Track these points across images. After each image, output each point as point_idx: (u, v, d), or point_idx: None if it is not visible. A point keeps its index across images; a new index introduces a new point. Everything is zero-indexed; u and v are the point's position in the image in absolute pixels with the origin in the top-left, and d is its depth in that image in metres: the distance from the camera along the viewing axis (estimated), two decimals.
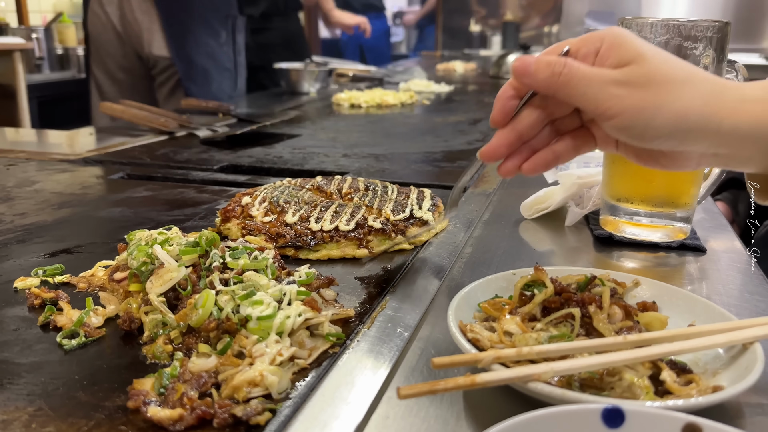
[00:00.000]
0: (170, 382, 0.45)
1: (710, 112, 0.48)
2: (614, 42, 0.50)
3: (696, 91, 0.48)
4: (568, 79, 0.50)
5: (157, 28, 2.07)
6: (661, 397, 0.43)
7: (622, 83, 0.48)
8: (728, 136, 0.49)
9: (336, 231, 0.73)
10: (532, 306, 0.50)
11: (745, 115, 0.48)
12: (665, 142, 0.50)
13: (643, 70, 0.48)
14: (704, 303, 0.53)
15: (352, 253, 0.72)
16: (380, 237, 0.74)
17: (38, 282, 0.64)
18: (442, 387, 0.39)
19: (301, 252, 0.72)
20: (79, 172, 1.15)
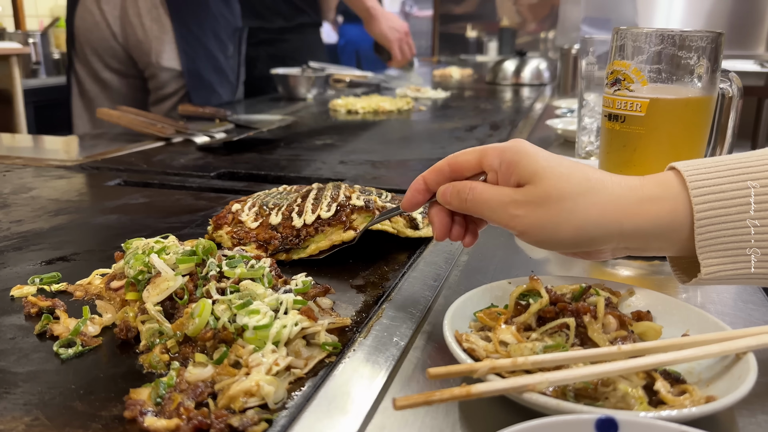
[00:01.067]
0: (167, 392, 0.45)
1: (609, 220, 0.51)
2: (510, 162, 0.53)
3: (592, 202, 0.51)
4: (473, 204, 0.55)
5: (170, 39, 2.01)
6: (655, 408, 0.43)
7: (521, 203, 0.52)
8: (632, 236, 0.51)
9: (318, 220, 0.73)
10: (527, 316, 0.50)
11: (643, 216, 0.51)
12: (574, 249, 0.54)
13: (539, 190, 0.51)
14: (698, 312, 0.53)
15: (340, 237, 0.72)
16: (363, 214, 0.73)
17: (35, 290, 0.64)
18: (438, 398, 0.39)
19: (293, 253, 0.72)
20: (76, 179, 1.15)
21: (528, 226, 0.52)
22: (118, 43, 2.06)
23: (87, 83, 2.11)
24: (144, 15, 2.00)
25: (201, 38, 2.07)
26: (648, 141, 0.75)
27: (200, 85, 2.10)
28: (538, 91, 2.68)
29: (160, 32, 2.00)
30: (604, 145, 0.80)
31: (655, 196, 0.51)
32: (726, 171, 0.50)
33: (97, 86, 2.11)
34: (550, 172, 0.51)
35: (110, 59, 2.09)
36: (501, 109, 2.22)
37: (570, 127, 1.49)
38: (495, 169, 0.54)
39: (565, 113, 1.84)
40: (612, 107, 0.77)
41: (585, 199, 0.51)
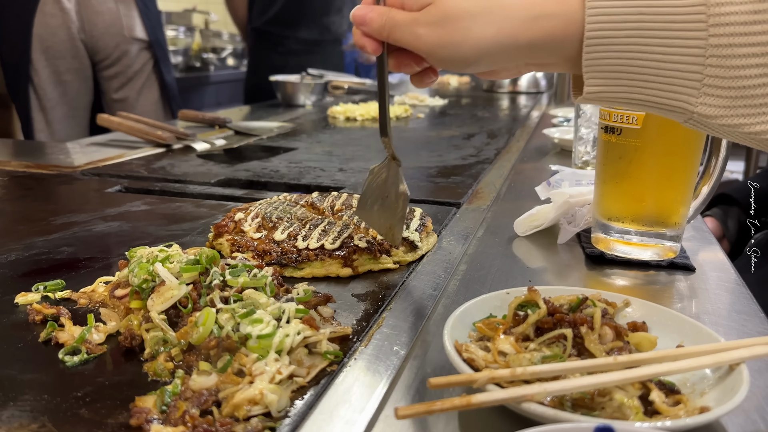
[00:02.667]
0: (172, 400, 0.46)
1: (504, 35, 0.54)
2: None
3: (489, 20, 0.54)
4: (390, 26, 0.59)
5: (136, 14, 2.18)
6: (650, 417, 0.44)
7: (423, 23, 0.56)
8: (527, 50, 0.55)
9: (321, 249, 0.74)
10: (525, 326, 0.51)
11: (536, 32, 0.53)
12: (477, 67, 0.57)
13: (439, 9, 0.55)
14: (692, 324, 0.55)
15: (336, 271, 0.73)
16: (365, 256, 0.74)
17: (39, 297, 0.65)
18: (439, 407, 0.40)
19: (285, 269, 0.73)
20: (77, 185, 1.16)
21: (431, 45, 0.56)
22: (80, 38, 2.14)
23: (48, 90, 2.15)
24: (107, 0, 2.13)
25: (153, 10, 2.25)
26: (644, 153, 0.76)
27: (163, 54, 2.28)
28: (534, 99, 2.70)
29: (127, 9, 2.16)
30: (600, 156, 0.81)
31: (550, 13, 0.53)
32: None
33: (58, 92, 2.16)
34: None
35: (72, 60, 2.15)
36: (498, 117, 2.24)
37: (566, 136, 1.50)
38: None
39: (561, 122, 1.86)
40: (608, 120, 0.78)
41: (482, 18, 0.54)
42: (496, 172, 1.30)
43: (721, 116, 0.49)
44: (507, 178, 1.26)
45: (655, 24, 0.49)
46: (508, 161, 1.42)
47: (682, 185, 0.78)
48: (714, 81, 0.48)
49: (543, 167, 1.38)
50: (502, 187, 1.18)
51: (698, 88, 0.49)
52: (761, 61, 0.47)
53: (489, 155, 1.46)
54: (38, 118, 2.16)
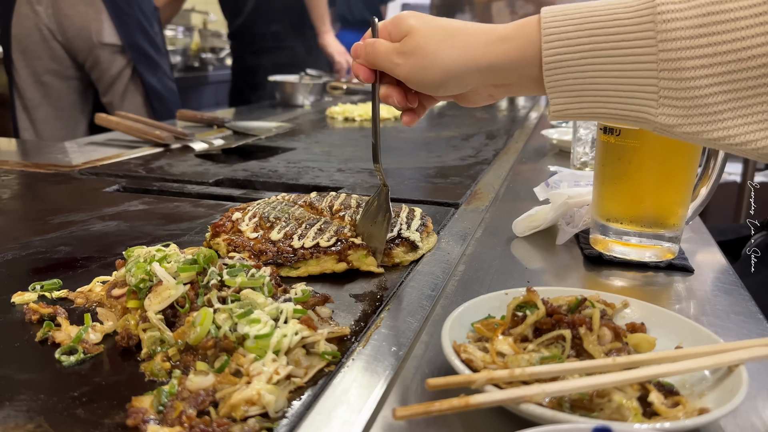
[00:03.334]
0: (169, 400, 0.46)
1: (465, 58, 0.60)
2: (395, 21, 0.65)
3: (451, 46, 0.61)
4: (371, 54, 0.66)
5: (105, 18, 2.10)
6: (649, 419, 0.44)
7: (399, 53, 0.63)
8: (488, 71, 0.60)
9: (316, 247, 0.74)
10: (524, 327, 0.51)
11: (495, 54, 0.59)
12: (446, 89, 0.63)
13: (413, 41, 0.62)
14: (691, 325, 0.54)
15: (331, 267, 0.73)
16: (360, 252, 0.74)
17: (36, 297, 0.65)
18: (437, 408, 0.40)
19: (281, 269, 0.73)
20: (75, 185, 1.16)
21: (407, 72, 0.63)
22: (57, 41, 2.11)
23: (29, 91, 2.15)
24: (77, 3, 2.07)
25: (130, 13, 2.16)
26: (643, 154, 0.76)
27: (143, 56, 2.19)
28: (533, 100, 2.70)
29: (96, 13, 2.09)
30: (599, 157, 0.81)
31: (507, 36, 0.59)
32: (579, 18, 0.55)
33: (39, 93, 2.15)
34: (423, 26, 0.62)
35: (50, 62, 2.13)
36: (497, 118, 2.24)
37: (565, 137, 1.50)
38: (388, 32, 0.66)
39: (560, 123, 1.86)
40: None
41: (446, 44, 0.61)
42: (495, 173, 1.30)
43: (681, 125, 0.51)
44: (505, 179, 1.26)
45: (608, 44, 0.53)
46: (506, 162, 1.42)
47: (681, 186, 0.78)
48: (669, 93, 0.51)
49: (541, 168, 1.38)
50: (501, 188, 1.18)
51: (656, 99, 0.52)
52: (710, 71, 0.49)
53: (488, 156, 1.46)
54: (22, 118, 2.17)
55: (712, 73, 0.49)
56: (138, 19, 2.17)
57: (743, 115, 0.49)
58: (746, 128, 0.49)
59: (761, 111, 0.49)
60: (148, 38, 2.22)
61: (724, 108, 0.50)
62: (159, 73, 2.26)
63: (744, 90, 0.48)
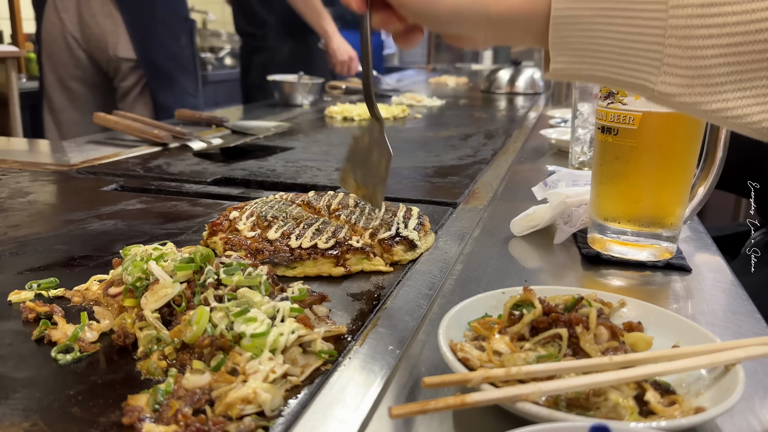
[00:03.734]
0: (165, 399, 0.46)
1: (478, 3, 0.58)
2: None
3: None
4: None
5: (122, 31, 2.08)
6: (645, 418, 0.44)
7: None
8: (496, 21, 0.58)
9: (314, 248, 0.73)
10: (520, 326, 0.51)
11: (506, 5, 0.57)
12: (449, 27, 0.61)
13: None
14: (688, 324, 0.54)
15: (329, 271, 0.72)
16: (359, 256, 0.74)
17: (32, 295, 0.64)
18: (433, 407, 0.40)
19: (277, 268, 0.72)
20: (73, 183, 1.15)
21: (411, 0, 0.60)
22: (81, 49, 2.12)
23: (55, 95, 2.16)
24: (97, 14, 2.07)
25: (150, 28, 2.14)
26: (640, 153, 0.76)
27: (157, 73, 2.16)
28: (532, 100, 2.70)
29: (114, 26, 2.08)
30: (596, 156, 0.81)
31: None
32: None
33: (65, 97, 2.16)
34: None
35: (75, 69, 2.14)
36: (496, 117, 2.24)
37: (563, 137, 1.50)
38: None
39: (558, 123, 1.86)
40: (605, 120, 0.78)
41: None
42: (493, 173, 1.30)
43: (680, 94, 0.51)
44: (504, 179, 1.25)
45: (618, 5, 0.52)
46: (505, 162, 1.42)
47: (679, 186, 0.78)
48: (673, 61, 0.51)
49: (540, 168, 1.38)
50: (499, 188, 1.18)
51: (658, 67, 0.52)
52: (717, 42, 0.49)
53: (486, 156, 1.46)
54: (48, 119, 2.18)
55: (719, 44, 0.49)
56: (158, 35, 2.13)
57: (744, 88, 0.50)
58: (744, 101, 0.50)
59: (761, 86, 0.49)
60: (169, 54, 2.18)
61: (726, 80, 0.50)
62: (177, 90, 2.20)
63: (748, 63, 0.49)
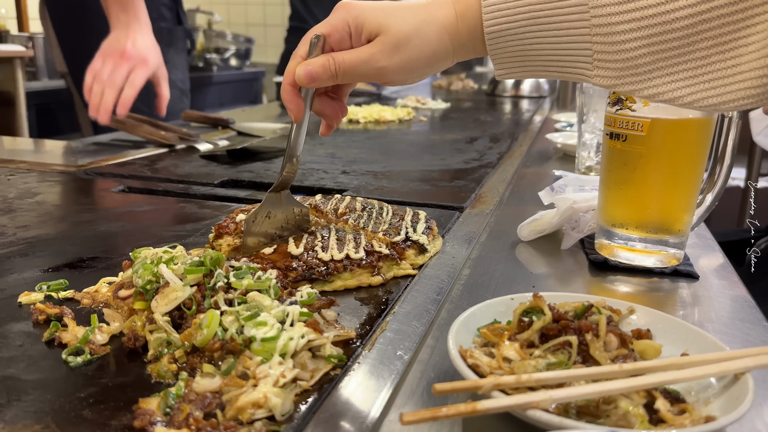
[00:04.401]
0: (176, 402, 0.46)
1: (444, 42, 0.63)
2: (358, 23, 0.64)
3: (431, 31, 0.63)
4: (343, 70, 0.65)
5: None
6: (655, 426, 0.44)
7: (381, 54, 0.63)
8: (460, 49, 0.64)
9: (348, 259, 0.71)
10: (530, 333, 0.51)
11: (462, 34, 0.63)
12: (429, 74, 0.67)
13: (390, 38, 0.62)
14: (697, 332, 0.54)
15: (368, 281, 0.71)
16: (388, 262, 0.74)
17: (42, 297, 0.65)
18: (444, 414, 0.40)
19: (317, 284, 0.69)
20: (80, 184, 1.16)
21: (394, 71, 0.64)
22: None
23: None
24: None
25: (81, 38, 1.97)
26: (648, 160, 0.76)
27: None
28: (537, 103, 2.70)
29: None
30: (605, 162, 0.81)
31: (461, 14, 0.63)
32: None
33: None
34: (391, 20, 0.63)
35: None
36: (501, 121, 2.24)
37: (569, 141, 1.50)
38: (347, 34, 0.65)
39: (564, 127, 1.86)
40: (614, 126, 0.78)
41: (426, 32, 0.63)
42: (499, 177, 1.30)
43: (615, 85, 0.56)
44: (510, 183, 1.26)
45: (543, 12, 0.57)
46: (511, 165, 1.42)
47: (687, 193, 0.78)
48: (602, 56, 0.56)
49: (546, 172, 1.38)
50: (505, 192, 1.18)
51: (591, 62, 0.57)
52: (638, 34, 0.53)
53: (492, 159, 1.46)
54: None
55: (640, 36, 0.53)
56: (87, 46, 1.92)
57: (670, 73, 0.54)
58: (674, 85, 0.54)
59: (685, 69, 0.53)
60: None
61: (652, 68, 0.54)
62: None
63: (668, 51, 0.53)
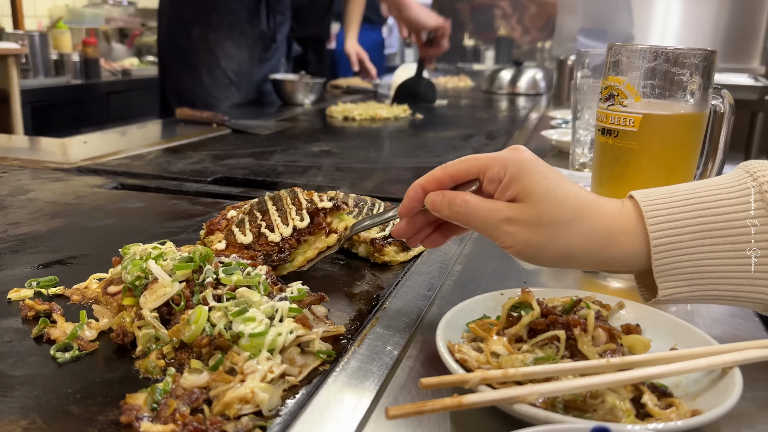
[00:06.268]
0: (163, 398, 0.46)
1: (589, 248, 0.55)
2: (513, 177, 0.56)
3: (578, 231, 0.55)
4: (466, 217, 0.57)
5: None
6: (642, 420, 0.44)
7: (514, 221, 0.55)
8: (606, 263, 0.56)
9: (297, 232, 0.71)
10: (518, 327, 0.51)
11: (618, 248, 0.55)
12: (555, 266, 0.58)
13: (533, 211, 0.55)
14: (686, 327, 0.54)
15: (324, 244, 0.71)
16: (337, 214, 0.73)
17: (32, 293, 0.65)
18: (430, 408, 0.40)
19: (281, 269, 0.70)
20: (73, 181, 1.16)
21: (517, 243, 0.55)
22: None
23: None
24: None
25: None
26: (640, 155, 0.76)
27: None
28: (533, 100, 2.70)
29: None
30: (597, 158, 0.81)
31: (630, 232, 0.55)
32: (680, 200, 0.54)
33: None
34: (546, 195, 0.55)
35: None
36: (497, 118, 2.24)
37: (564, 138, 1.50)
38: (497, 180, 0.56)
39: (560, 124, 1.86)
40: (605, 122, 0.78)
41: (573, 227, 0.55)
42: None
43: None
44: None
45: (717, 224, 0.52)
46: None
47: None
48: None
49: None
50: None
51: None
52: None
53: None
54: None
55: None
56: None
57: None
58: None
59: None
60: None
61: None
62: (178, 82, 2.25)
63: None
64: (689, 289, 0.54)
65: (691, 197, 0.54)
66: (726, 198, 0.53)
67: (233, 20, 2.18)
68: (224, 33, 2.17)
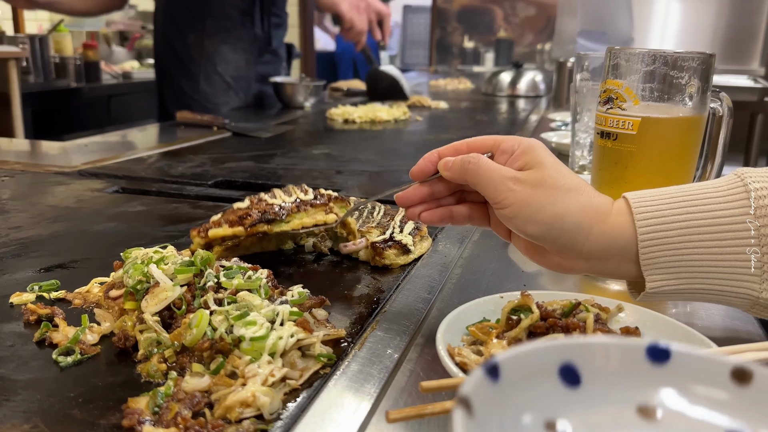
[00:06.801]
0: (164, 402, 0.46)
1: (583, 219, 0.57)
2: (526, 149, 0.59)
3: (575, 200, 0.57)
4: (475, 170, 0.59)
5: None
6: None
7: (519, 181, 0.57)
8: (595, 241, 0.57)
9: (300, 201, 0.75)
10: (518, 331, 0.51)
11: (610, 226, 0.57)
12: (543, 236, 0.58)
13: (538, 175, 0.57)
14: (685, 329, 0.55)
15: (323, 219, 0.74)
16: (340, 204, 0.76)
17: (34, 297, 0.65)
18: (430, 411, 0.40)
19: (275, 225, 0.72)
20: (74, 185, 1.16)
21: (516, 201, 0.57)
22: None
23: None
24: None
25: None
26: (639, 159, 0.77)
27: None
28: (533, 103, 2.71)
29: None
30: (596, 161, 0.81)
31: (623, 211, 0.57)
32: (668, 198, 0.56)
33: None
34: (552, 166, 0.58)
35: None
36: (497, 120, 2.24)
37: (564, 140, 1.51)
38: (510, 152, 0.60)
39: (559, 126, 1.86)
40: (604, 125, 0.78)
41: (571, 195, 0.57)
42: None
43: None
44: None
45: (704, 221, 0.53)
46: None
47: None
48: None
49: None
50: None
51: (760, 275, 0.52)
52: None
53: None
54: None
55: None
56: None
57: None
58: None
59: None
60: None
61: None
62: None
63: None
64: (675, 282, 0.55)
65: (680, 196, 0.56)
66: (714, 197, 0.54)
67: (228, 24, 2.19)
68: (220, 38, 2.17)
